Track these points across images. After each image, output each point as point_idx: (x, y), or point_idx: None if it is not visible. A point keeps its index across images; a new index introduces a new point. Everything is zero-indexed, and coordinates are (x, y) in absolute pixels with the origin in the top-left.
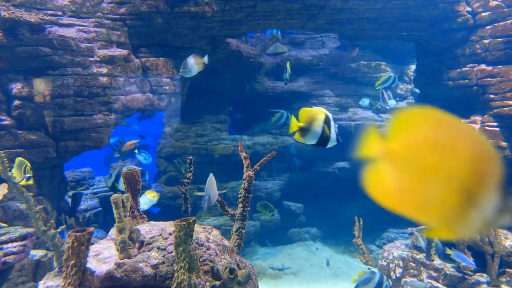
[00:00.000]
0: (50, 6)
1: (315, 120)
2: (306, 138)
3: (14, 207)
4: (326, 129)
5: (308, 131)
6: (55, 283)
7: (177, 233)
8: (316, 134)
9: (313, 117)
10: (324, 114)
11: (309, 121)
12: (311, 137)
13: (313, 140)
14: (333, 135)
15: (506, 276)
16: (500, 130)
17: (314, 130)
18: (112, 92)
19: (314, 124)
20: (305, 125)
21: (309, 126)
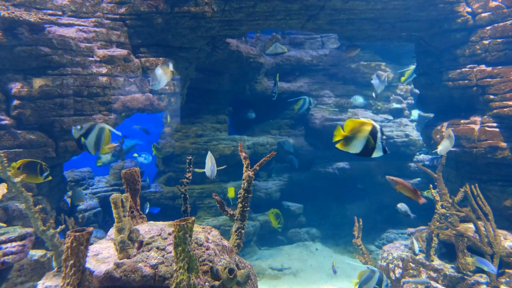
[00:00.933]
0: (49, 5)
1: (360, 131)
2: (349, 147)
3: (13, 207)
4: (371, 139)
5: (352, 140)
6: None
7: (177, 233)
8: (359, 144)
9: (358, 128)
10: (371, 126)
11: (354, 131)
12: (354, 146)
13: (356, 150)
14: (379, 146)
15: (505, 277)
16: (500, 131)
17: (358, 140)
18: (112, 92)
19: (358, 134)
20: (349, 135)
21: (353, 135)
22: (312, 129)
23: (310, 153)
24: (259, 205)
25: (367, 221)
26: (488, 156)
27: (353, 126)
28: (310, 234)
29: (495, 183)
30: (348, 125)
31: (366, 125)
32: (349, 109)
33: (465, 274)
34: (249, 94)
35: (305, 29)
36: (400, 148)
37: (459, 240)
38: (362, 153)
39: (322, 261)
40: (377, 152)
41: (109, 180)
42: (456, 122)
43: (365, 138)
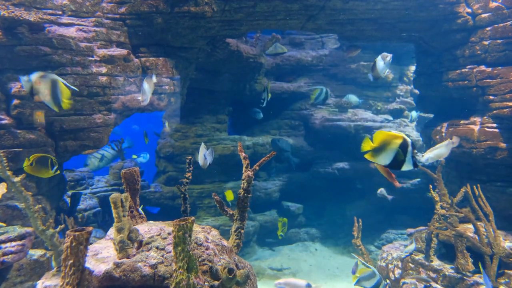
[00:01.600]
0: (49, 5)
1: (390, 143)
2: (377, 158)
3: (13, 206)
4: (400, 153)
5: (381, 152)
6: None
7: (176, 233)
8: (388, 156)
9: (388, 140)
10: (402, 139)
11: (383, 143)
12: (382, 158)
13: (385, 161)
14: (409, 160)
15: (505, 278)
16: (500, 131)
17: (387, 152)
18: (112, 92)
19: (388, 147)
20: (378, 146)
21: (383, 147)
22: (312, 130)
23: (310, 154)
24: (258, 205)
25: (367, 221)
26: (487, 156)
27: (382, 138)
28: (310, 234)
29: (494, 184)
30: (378, 136)
31: (396, 138)
32: (349, 109)
33: (465, 274)
34: (249, 94)
35: (305, 29)
36: None
37: (458, 241)
38: (390, 166)
39: (322, 261)
40: (407, 165)
41: (109, 180)
42: (455, 123)
43: (395, 151)
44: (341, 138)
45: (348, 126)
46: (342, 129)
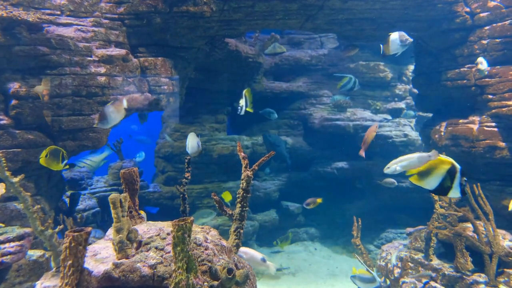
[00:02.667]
0: (48, 5)
1: (437, 168)
2: (423, 182)
3: (11, 207)
4: (448, 179)
5: (427, 176)
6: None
7: (175, 233)
8: (434, 181)
9: (435, 164)
10: (450, 165)
11: (429, 167)
12: (428, 182)
13: (430, 186)
14: (457, 187)
15: (504, 276)
16: (498, 131)
17: (433, 177)
18: (111, 92)
19: (434, 171)
20: (424, 170)
21: (429, 171)
22: (311, 129)
23: (309, 153)
24: (258, 205)
25: (366, 220)
26: (486, 156)
27: (430, 162)
28: (309, 234)
29: (493, 183)
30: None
31: (444, 163)
32: (348, 109)
33: (464, 273)
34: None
35: (304, 29)
36: (399, 147)
37: (457, 240)
38: (436, 191)
39: (321, 261)
40: (454, 192)
41: (108, 180)
42: (454, 122)
43: (442, 176)
44: (340, 137)
45: (347, 126)
46: (341, 129)
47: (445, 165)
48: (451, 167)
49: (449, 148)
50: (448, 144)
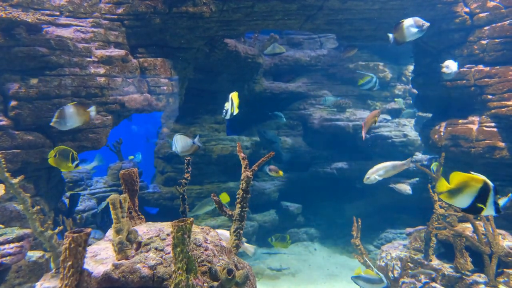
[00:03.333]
0: (47, 6)
1: (468, 186)
2: (454, 200)
3: (11, 208)
4: (480, 198)
5: (458, 194)
6: (52, 284)
7: (175, 233)
8: (466, 200)
9: (467, 182)
10: (482, 182)
11: (461, 185)
12: (460, 201)
13: (463, 205)
14: (491, 205)
15: (504, 277)
16: (498, 131)
17: (465, 195)
18: (110, 93)
19: (466, 189)
20: (455, 188)
21: (460, 189)
22: (310, 130)
23: (308, 153)
24: (257, 205)
25: (366, 221)
26: (486, 156)
27: (460, 180)
28: (309, 234)
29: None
30: (455, 177)
31: (476, 181)
32: (347, 109)
33: (464, 273)
34: (248, 94)
35: (303, 29)
36: (398, 148)
37: (457, 240)
38: (468, 210)
39: (321, 261)
40: (489, 211)
41: (107, 181)
42: (454, 122)
43: (474, 195)
44: (340, 138)
45: (347, 126)
46: (340, 129)
47: (477, 183)
48: (484, 184)
49: (449, 148)
50: (447, 144)
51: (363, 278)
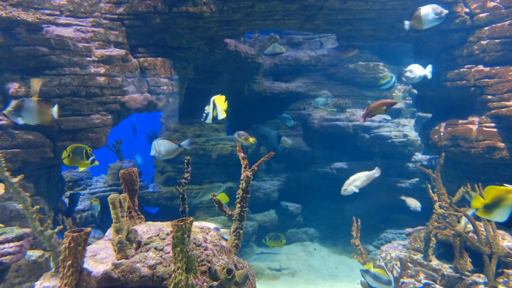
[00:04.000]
0: (47, 5)
1: (506, 199)
2: (492, 215)
3: (11, 207)
4: None
5: (495, 208)
6: (52, 283)
7: (175, 233)
8: (504, 213)
9: (503, 196)
10: None
11: (497, 198)
12: (498, 215)
13: (501, 218)
14: None
15: (503, 277)
16: (498, 131)
17: (503, 209)
18: (110, 92)
19: (504, 203)
20: (491, 202)
21: (497, 204)
22: (310, 130)
23: (308, 153)
24: (257, 205)
25: (366, 221)
26: (486, 156)
27: (496, 194)
28: (309, 234)
29: (493, 183)
30: (490, 192)
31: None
32: (347, 109)
33: (463, 274)
34: (248, 94)
35: (303, 29)
36: (398, 148)
37: (457, 240)
38: (507, 224)
39: (321, 261)
40: None
41: (107, 180)
42: (454, 122)
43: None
44: (340, 138)
45: (347, 126)
46: (340, 129)
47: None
48: None
49: (449, 148)
50: (447, 145)
51: (372, 274)
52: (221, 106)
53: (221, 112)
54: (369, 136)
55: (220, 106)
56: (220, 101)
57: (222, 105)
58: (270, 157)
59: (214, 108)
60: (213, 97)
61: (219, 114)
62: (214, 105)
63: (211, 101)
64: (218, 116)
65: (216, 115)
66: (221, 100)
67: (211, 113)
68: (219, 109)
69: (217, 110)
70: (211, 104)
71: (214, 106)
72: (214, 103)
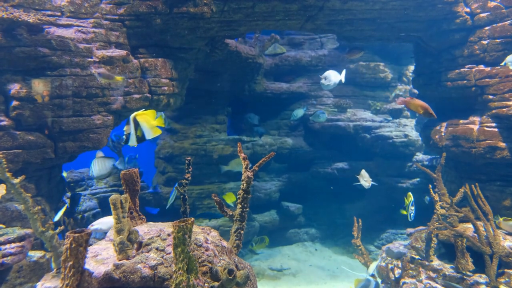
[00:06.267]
0: (48, 6)
1: None
2: None
3: (12, 208)
4: None
5: None
6: (53, 284)
7: (176, 234)
8: None
9: None
10: None
11: None
12: None
13: None
14: None
15: (505, 277)
16: (499, 131)
17: None
18: (111, 93)
19: None
20: None
21: None
22: (311, 130)
23: (309, 154)
24: (258, 206)
25: (366, 221)
26: (487, 156)
27: None
28: (309, 235)
29: (494, 183)
30: None
31: None
32: (348, 109)
33: (465, 274)
34: (248, 94)
35: (304, 29)
36: (399, 148)
37: (458, 240)
38: None
39: (322, 261)
40: None
41: (108, 181)
42: (455, 122)
43: None
44: (341, 138)
45: (347, 126)
46: (341, 129)
47: None
48: None
49: (450, 148)
50: (448, 145)
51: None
52: (148, 123)
53: (151, 130)
54: (370, 136)
55: (146, 123)
56: (146, 118)
57: (151, 122)
58: (270, 157)
59: (138, 127)
60: (133, 114)
61: (147, 133)
62: (136, 123)
63: (130, 119)
64: (145, 135)
65: (142, 135)
66: (148, 117)
67: (133, 134)
68: (145, 127)
69: (142, 129)
70: (131, 123)
71: (137, 125)
72: (136, 121)
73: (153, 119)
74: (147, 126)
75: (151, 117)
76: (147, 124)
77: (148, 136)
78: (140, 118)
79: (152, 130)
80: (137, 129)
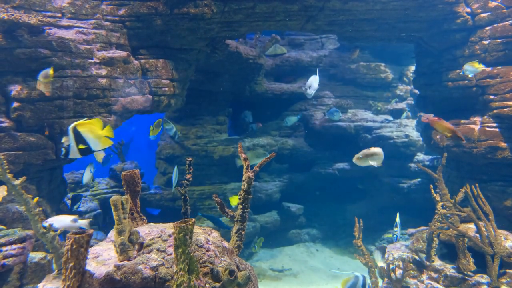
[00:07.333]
0: (49, 8)
1: None
2: None
3: (13, 209)
4: None
5: None
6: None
7: (177, 235)
8: None
9: None
10: None
11: None
12: None
13: None
14: None
15: (506, 277)
16: (500, 131)
17: None
18: (112, 94)
19: None
20: None
21: None
22: (312, 130)
23: (310, 154)
24: (259, 206)
25: (368, 221)
26: (488, 156)
27: None
28: (311, 235)
29: (495, 183)
30: None
31: None
32: (349, 110)
33: (466, 274)
34: (249, 95)
35: (304, 30)
36: (400, 148)
37: (459, 241)
38: None
39: (323, 262)
40: None
41: (109, 182)
42: (456, 123)
43: None
44: (342, 138)
45: (348, 127)
46: (342, 130)
47: None
48: None
49: (451, 148)
50: (449, 145)
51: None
52: (93, 133)
53: (98, 140)
54: (371, 137)
55: (91, 133)
56: (91, 127)
57: (96, 132)
58: (271, 158)
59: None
60: (72, 124)
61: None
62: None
63: (69, 130)
64: (92, 147)
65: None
66: (92, 126)
67: (74, 145)
68: (90, 137)
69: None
70: (70, 134)
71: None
72: (77, 132)
73: (100, 128)
74: (92, 137)
75: (96, 127)
76: (92, 134)
77: (95, 147)
78: (82, 128)
79: (100, 140)
80: (79, 140)
